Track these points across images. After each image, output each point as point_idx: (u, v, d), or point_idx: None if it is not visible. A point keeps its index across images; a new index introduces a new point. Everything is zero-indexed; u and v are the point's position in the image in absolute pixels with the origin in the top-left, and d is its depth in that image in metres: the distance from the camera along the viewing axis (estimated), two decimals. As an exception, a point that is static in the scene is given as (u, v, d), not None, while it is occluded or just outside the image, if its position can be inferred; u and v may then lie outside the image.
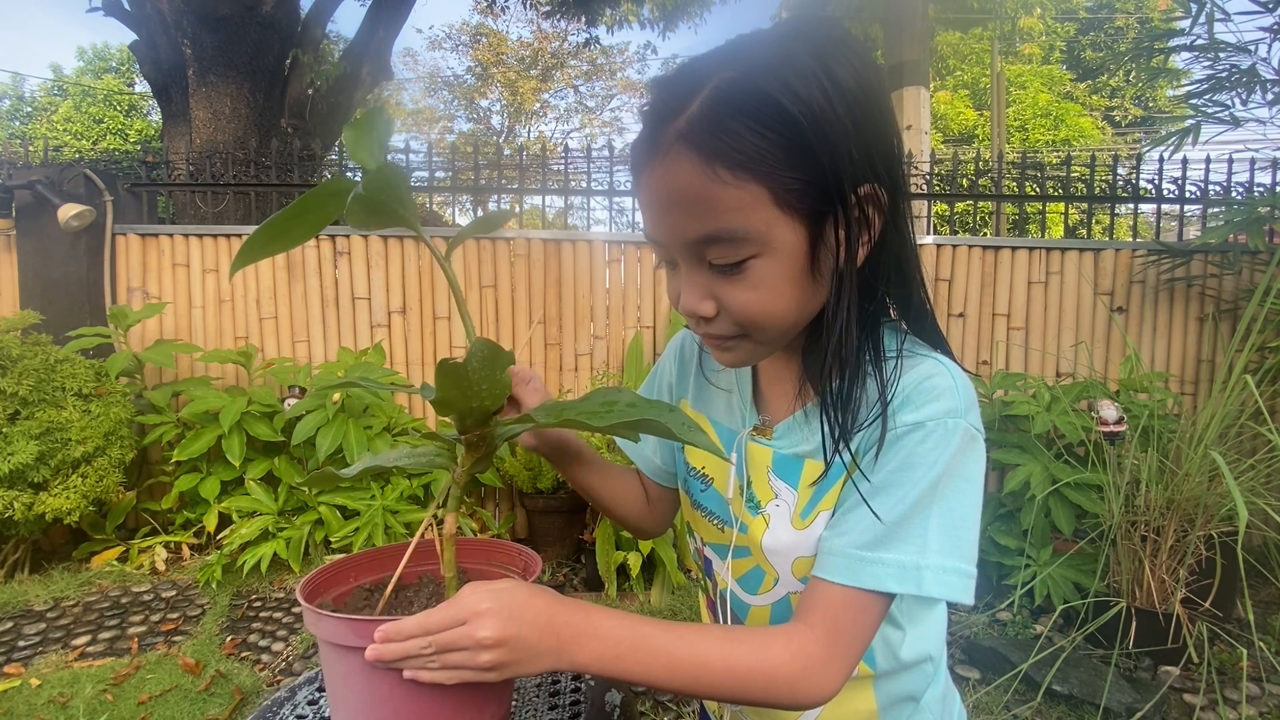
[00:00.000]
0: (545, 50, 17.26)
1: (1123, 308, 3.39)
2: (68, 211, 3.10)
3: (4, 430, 2.57)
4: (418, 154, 5.09)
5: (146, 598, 2.67)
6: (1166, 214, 3.88)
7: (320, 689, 0.64)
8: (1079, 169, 3.71)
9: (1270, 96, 3.08)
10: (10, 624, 2.45)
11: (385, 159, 0.46)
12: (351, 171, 4.27)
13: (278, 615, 2.58)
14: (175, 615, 2.55)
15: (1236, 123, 3.17)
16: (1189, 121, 3.23)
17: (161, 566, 2.88)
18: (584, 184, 3.89)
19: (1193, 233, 4.53)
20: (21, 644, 2.33)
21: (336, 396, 2.94)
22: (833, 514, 0.60)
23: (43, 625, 2.45)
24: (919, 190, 3.74)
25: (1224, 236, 3.01)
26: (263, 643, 2.40)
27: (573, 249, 3.44)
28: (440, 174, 3.83)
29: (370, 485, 2.89)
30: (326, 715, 0.62)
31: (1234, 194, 3.45)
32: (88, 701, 2.01)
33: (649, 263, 3.45)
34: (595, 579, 2.86)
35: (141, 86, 13.72)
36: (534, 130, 19.23)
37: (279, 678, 2.20)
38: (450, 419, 0.49)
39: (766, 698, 0.53)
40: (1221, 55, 3.11)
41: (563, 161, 3.73)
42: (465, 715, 0.53)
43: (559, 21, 7.75)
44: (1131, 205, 3.76)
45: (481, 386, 0.44)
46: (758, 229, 0.51)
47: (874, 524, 0.55)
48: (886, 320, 0.61)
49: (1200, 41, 3.11)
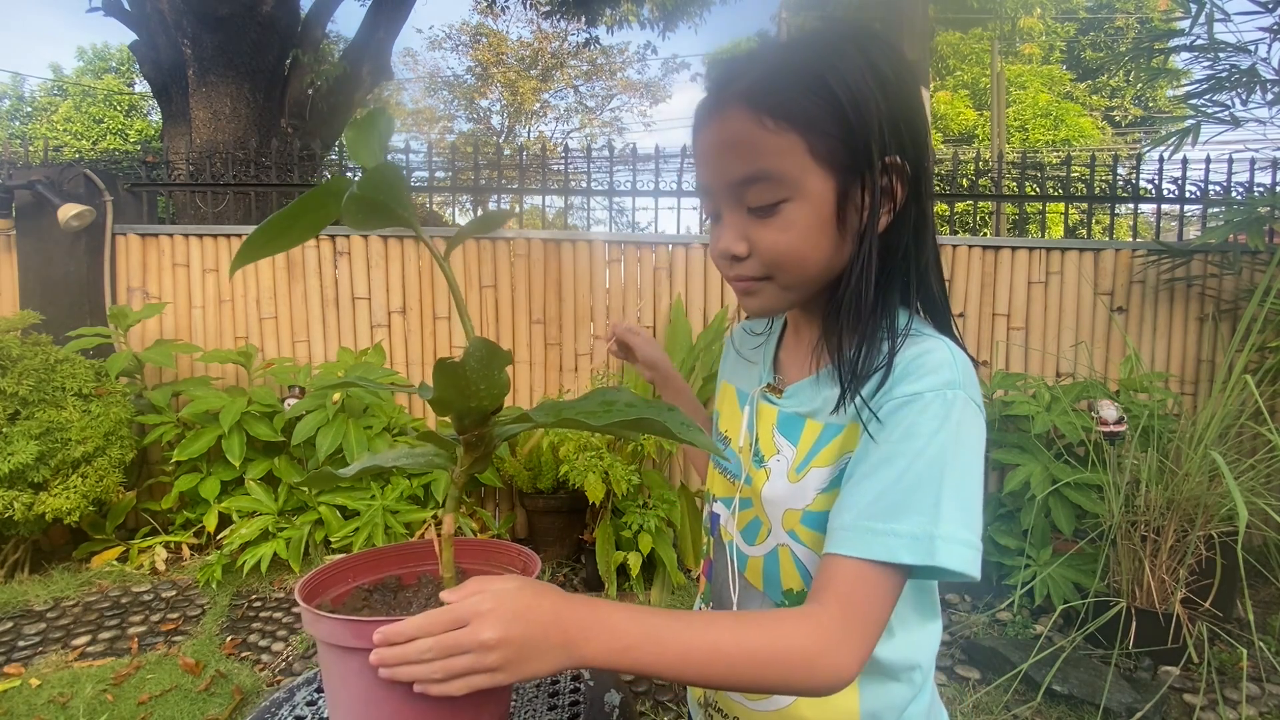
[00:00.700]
0: (545, 50, 17.25)
1: (1123, 308, 3.39)
2: (68, 211, 3.10)
3: (4, 430, 2.57)
4: (418, 154, 5.09)
5: (146, 598, 2.67)
6: (1166, 214, 3.88)
7: (319, 690, 0.64)
8: (1079, 169, 3.71)
9: (1270, 96, 3.08)
10: (10, 624, 2.45)
11: (383, 158, 0.46)
12: (352, 171, 4.27)
13: (278, 615, 2.58)
14: (175, 615, 2.55)
15: (1236, 123, 3.16)
16: (1189, 121, 3.23)
17: (161, 566, 2.89)
18: (584, 184, 3.89)
19: (1193, 233, 4.53)
20: (21, 644, 2.33)
21: (336, 396, 2.94)
22: (830, 479, 0.63)
23: (43, 625, 2.45)
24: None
25: (1224, 236, 3.01)
26: (263, 643, 2.40)
27: (573, 249, 3.44)
28: (440, 174, 3.83)
29: (370, 485, 2.89)
30: (325, 716, 0.62)
31: (1234, 194, 3.45)
32: (88, 701, 2.01)
33: (649, 263, 3.45)
34: (595, 579, 2.86)
35: (141, 86, 13.73)
36: (534, 130, 19.24)
37: (279, 678, 2.20)
38: (448, 419, 0.49)
39: (783, 681, 0.53)
40: (1221, 55, 3.11)
41: (563, 161, 3.73)
42: (463, 716, 0.53)
43: (559, 21, 7.75)
44: (1131, 205, 3.76)
45: (480, 386, 0.44)
46: (792, 174, 0.58)
47: (882, 495, 0.56)
48: (903, 297, 0.65)
49: (1200, 42, 3.11)
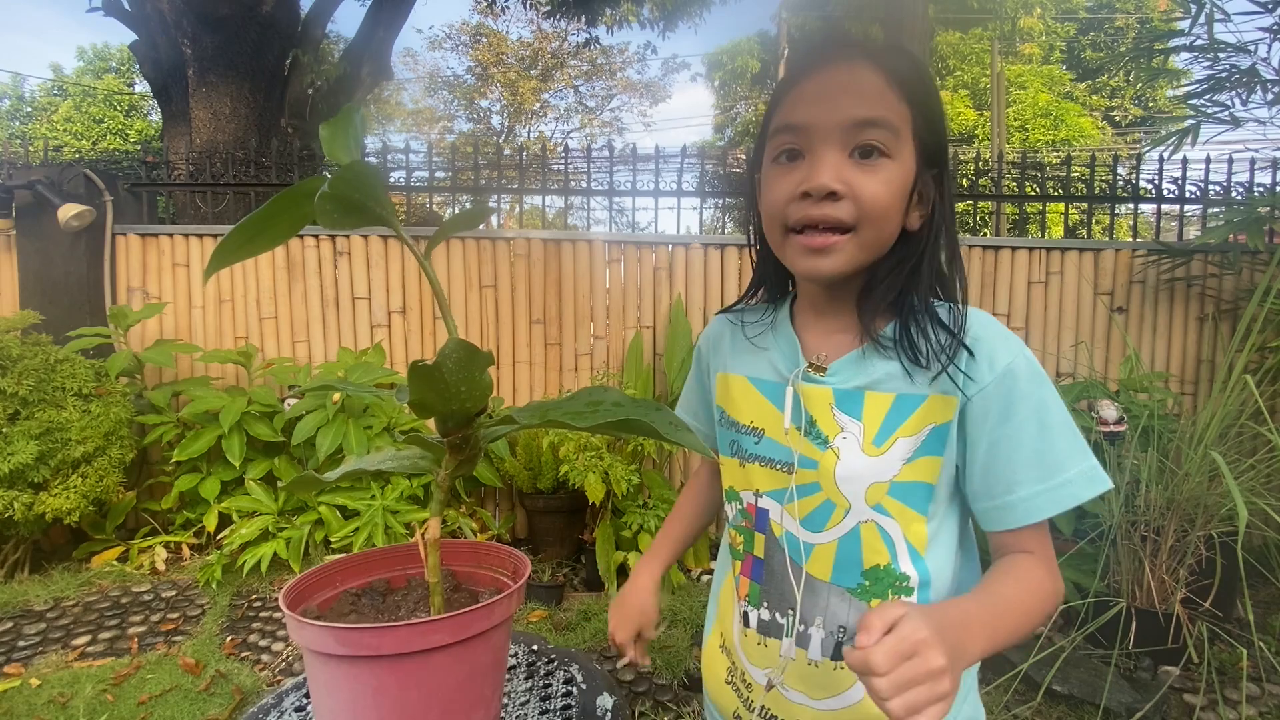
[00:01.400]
0: (545, 50, 17.24)
1: (1123, 308, 3.39)
2: (68, 211, 3.10)
3: (4, 430, 2.57)
4: (418, 154, 5.08)
5: (146, 598, 2.67)
6: (1166, 214, 3.87)
7: (307, 695, 0.63)
8: (1079, 169, 3.70)
9: (1270, 96, 3.07)
10: (10, 624, 2.46)
11: (358, 155, 0.45)
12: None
13: (277, 615, 2.58)
14: (175, 615, 2.55)
15: (1236, 123, 3.16)
16: (1189, 121, 3.22)
17: (161, 566, 2.89)
18: (584, 184, 3.88)
19: (1193, 233, 4.52)
20: (21, 644, 2.34)
21: (336, 396, 2.94)
22: (915, 449, 0.67)
23: (43, 625, 2.45)
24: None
25: (1224, 236, 3.00)
26: (263, 643, 2.40)
27: (573, 249, 3.44)
28: (440, 174, 3.83)
29: (370, 485, 2.89)
30: None
31: (1234, 194, 3.44)
32: (88, 701, 2.01)
33: (649, 263, 3.45)
34: (595, 579, 2.86)
35: (141, 86, 13.73)
36: (534, 130, 19.23)
37: (279, 678, 2.20)
38: (431, 422, 0.48)
39: (1044, 618, 0.64)
40: (1221, 55, 3.10)
41: (563, 161, 3.73)
42: None
43: (559, 21, 7.75)
44: (1131, 205, 3.76)
45: (460, 389, 0.43)
46: (901, 137, 0.65)
47: (1040, 457, 0.64)
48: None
49: (1200, 42, 3.10)
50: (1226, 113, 3.16)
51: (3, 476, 2.52)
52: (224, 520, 2.94)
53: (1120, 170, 3.79)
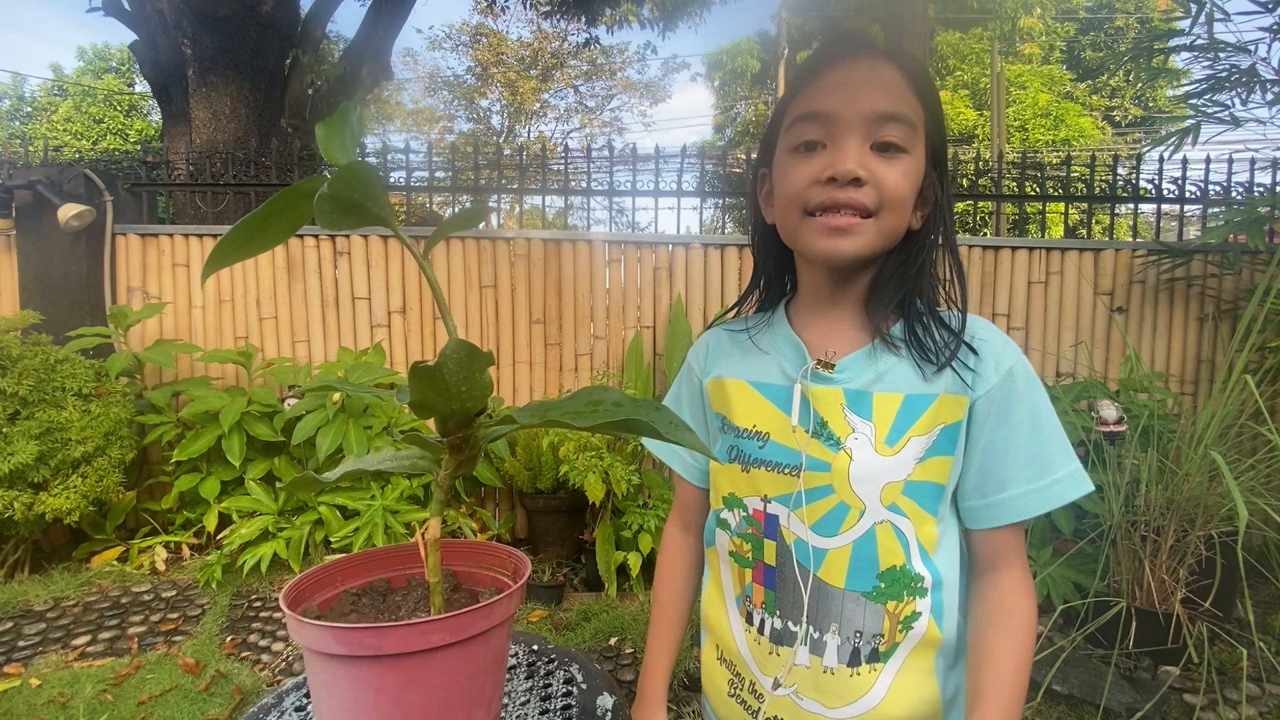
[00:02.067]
0: (545, 50, 17.24)
1: (1123, 308, 3.38)
2: (68, 211, 3.10)
3: (4, 430, 2.57)
4: (418, 154, 5.08)
5: (146, 598, 2.67)
6: (1166, 214, 3.87)
7: (308, 695, 0.63)
8: (1079, 169, 3.70)
9: (1270, 96, 3.07)
10: (10, 624, 2.46)
11: (356, 156, 0.45)
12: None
13: (278, 615, 2.58)
14: (175, 615, 2.55)
15: (1236, 123, 3.16)
16: (1189, 121, 3.22)
17: (161, 566, 2.89)
18: (584, 184, 3.88)
19: (1193, 233, 4.52)
20: (21, 644, 2.34)
21: (336, 396, 2.94)
22: (927, 448, 0.68)
23: (43, 625, 2.45)
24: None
25: (1224, 236, 3.00)
26: (263, 643, 2.40)
27: (573, 249, 3.44)
28: (440, 174, 3.83)
29: (370, 485, 2.89)
30: None
31: (1234, 194, 3.44)
32: (88, 701, 2.01)
33: (649, 263, 3.45)
34: (595, 579, 2.86)
35: (141, 86, 13.73)
36: (534, 130, 19.22)
37: (279, 678, 2.20)
38: (431, 422, 0.48)
39: (1034, 635, 0.69)
40: (1221, 55, 3.10)
41: (563, 161, 3.73)
42: None
43: (559, 21, 7.75)
44: (1131, 205, 3.76)
45: (460, 389, 0.43)
46: (916, 135, 0.67)
47: (1033, 457, 0.67)
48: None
49: (1200, 41, 3.10)
50: (1226, 113, 3.16)
51: (3, 476, 2.52)
52: (224, 520, 2.94)
53: (1120, 170, 3.79)
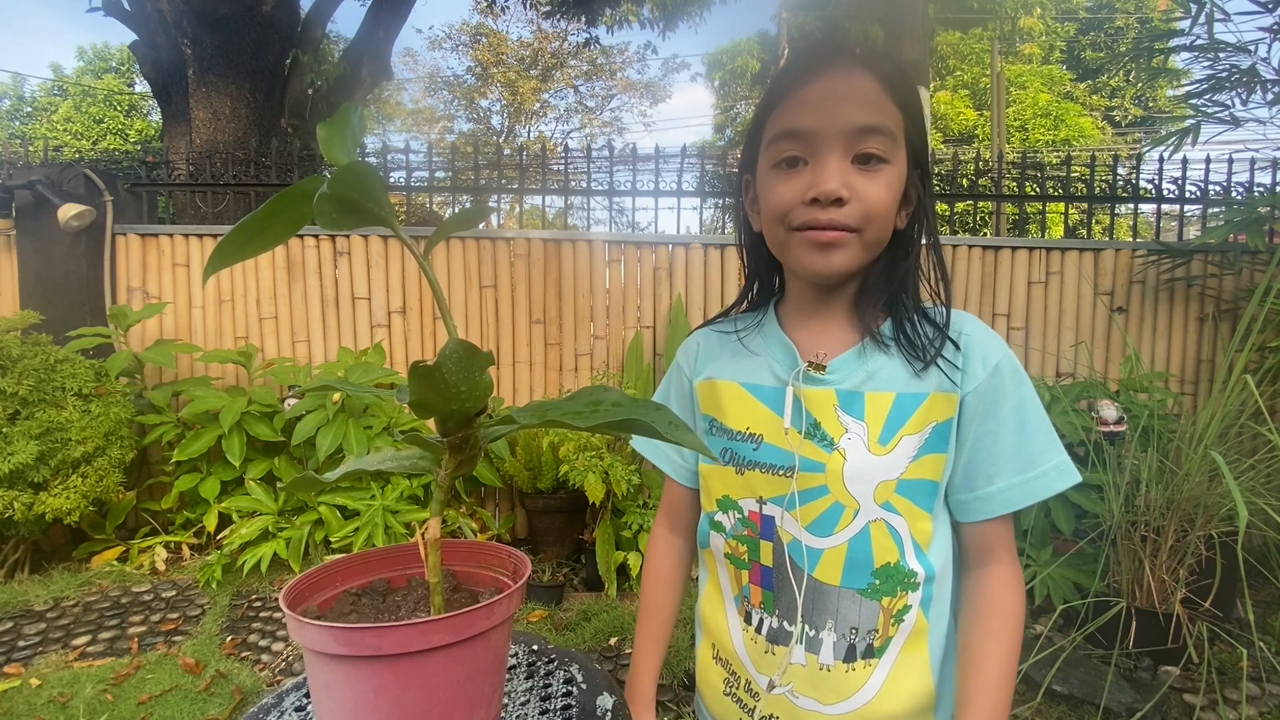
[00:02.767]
0: (545, 50, 17.25)
1: (1123, 308, 3.38)
2: (68, 211, 3.10)
3: (4, 430, 2.57)
4: (418, 154, 5.08)
5: (146, 598, 2.67)
6: (1166, 214, 3.87)
7: (308, 695, 0.63)
8: (1079, 169, 3.70)
9: (1270, 96, 3.07)
10: (10, 624, 2.46)
11: (356, 156, 0.45)
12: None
13: (277, 615, 2.58)
14: (175, 615, 2.55)
15: (1236, 123, 3.16)
16: (1189, 121, 3.22)
17: (161, 566, 2.89)
18: (584, 184, 3.88)
19: (1193, 233, 4.52)
20: (21, 644, 2.34)
21: (336, 396, 2.94)
22: (919, 446, 0.69)
23: (43, 625, 2.45)
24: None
25: (1224, 236, 3.00)
26: (263, 643, 2.40)
27: (573, 249, 3.44)
28: (440, 174, 3.83)
29: (370, 485, 2.89)
30: None
31: (1234, 194, 3.44)
32: (88, 701, 2.01)
33: (649, 263, 3.45)
34: (595, 579, 2.86)
35: (141, 86, 13.74)
36: (534, 130, 19.23)
37: (279, 678, 2.20)
38: (431, 422, 0.48)
39: (1022, 629, 0.69)
40: (1221, 55, 3.10)
41: (563, 161, 3.73)
42: None
43: (559, 21, 7.75)
44: (1131, 205, 3.76)
45: (460, 389, 0.43)
46: (896, 142, 0.67)
47: (1020, 450, 0.68)
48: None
49: (1200, 41, 3.10)
50: (1226, 113, 3.16)
51: (3, 476, 2.52)
52: (224, 520, 2.94)
53: (1120, 170, 3.79)
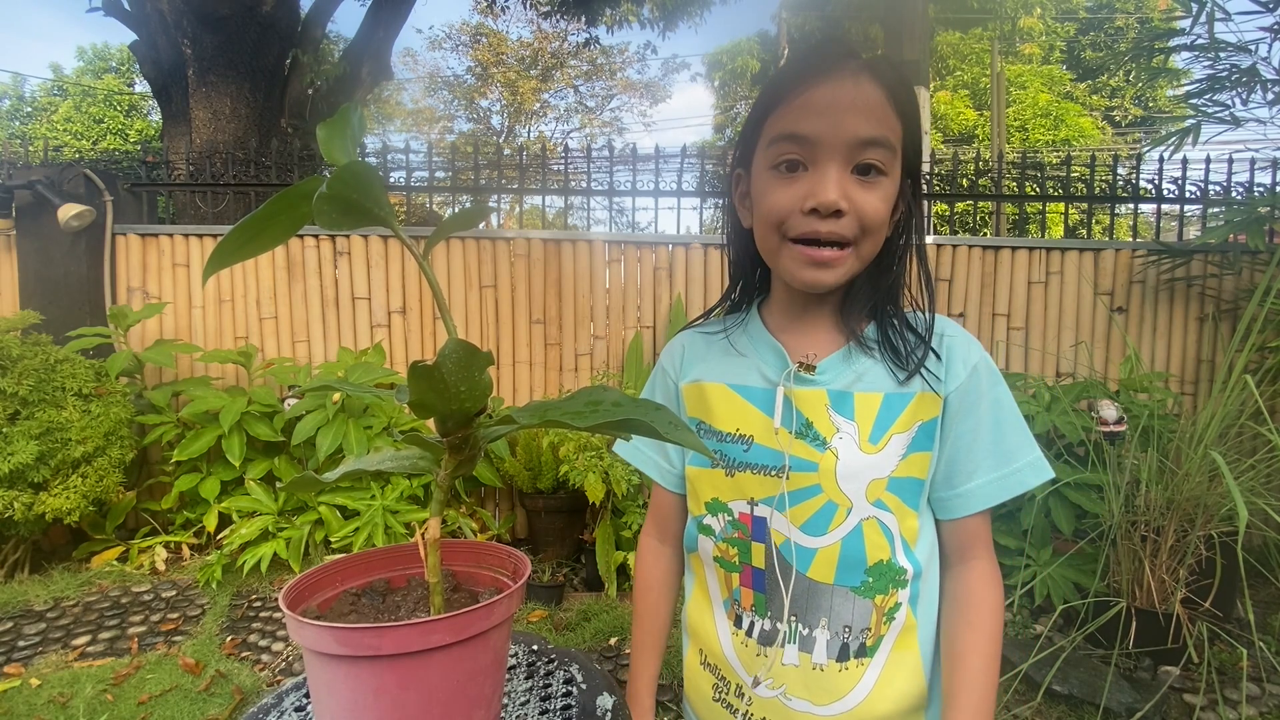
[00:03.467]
0: (545, 50, 17.25)
1: (1123, 308, 3.39)
2: (68, 211, 3.10)
3: (4, 430, 2.57)
4: (418, 154, 5.08)
5: (146, 598, 2.67)
6: (1166, 214, 3.87)
7: (308, 695, 0.63)
8: (1079, 169, 3.70)
9: (1270, 96, 3.07)
10: (10, 624, 2.46)
11: (356, 156, 0.45)
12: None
13: (278, 615, 2.58)
14: (175, 615, 2.55)
15: (1236, 123, 3.15)
16: (1189, 121, 3.22)
17: (161, 566, 2.89)
18: (584, 184, 3.88)
19: (1193, 233, 4.51)
20: (21, 644, 2.34)
21: (336, 396, 2.94)
22: (908, 445, 0.70)
23: (43, 625, 2.45)
24: (919, 190, 3.74)
25: (1224, 236, 3.00)
26: (263, 643, 2.40)
27: (573, 249, 3.44)
28: (440, 174, 3.83)
29: (370, 485, 2.89)
30: None
31: (1234, 194, 3.44)
32: (88, 701, 2.01)
33: (649, 263, 3.45)
34: (595, 579, 2.86)
35: (141, 86, 13.74)
36: (534, 130, 19.23)
37: (279, 678, 2.20)
38: (431, 422, 0.48)
39: (1002, 625, 0.71)
40: (1221, 55, 3.10)
41: (563, 161, 3.73)
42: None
43: (559, 21, 7.75)
44: (1131, 205, 3.76)
45: (460, 389, 0.43)
46: (895, 155, 0.67)
47: (996, 446, 0.70)
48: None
49: (1200, 41, 3.10)
50: (1227, 113, 3.16)
51: (3, 476, 2.52)
52: (224, 520, 2.94)
53: (1120, 170, 3.78)
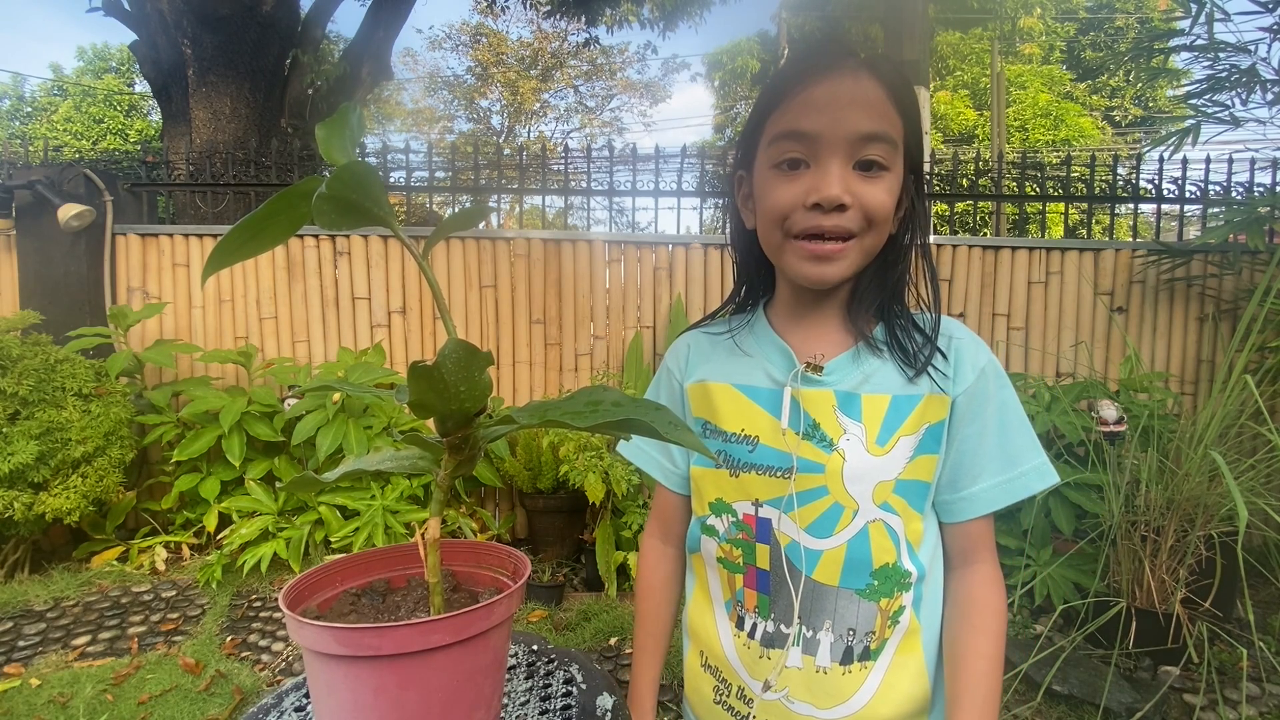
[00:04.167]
0: (545, 50, 17.25)
1: (1123, 308, 3.38)
2: (68, 211, 3.10)
3: (4, 430, 2.57)
4: (418, 154, 5.08)
5: (146, 598, 2.67)
6: (1166, 214, 3.87)
7: (307, 695, 0.63)
8: (1079, 169, 3.70)
9: (1270, 96, 3.07)
10: (10, 624, 2.46)
11: (355, 155, 0.45)
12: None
13: (277, 615, 2.58)
14: (175, 615, 2.55)
15: (1236, 123, 3.15)
16: (1189, 121, 3.22)
17: (161, 566, 2.89)
18: (584, 184, 3.88)
19: (1193, 233, 4.52)
20: (21, 644, 2.34)
21: (336, 396, 2.94)
22: (915, 447, 0.69)
23: (43, 625, 2.45)
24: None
25: (1224, 236, 3.00)
26: (263, 643, 2.40)
27: (573, 249, 3.44)
28: (440, 174, 3.83)
29: (370, 485, 2.89)
30: None
31: (1234, 194, 3.44)
32: (88, 701, 2.01)
33: (649, 263, 3.45)
34: (595, 579, 2.86)
35: (141, 86, 13.74)
36: (534, 130, 19.23)
37: (279, 678, 2.20)
38: (431, 422, 0.48)
39: (1005, 627, 0.71)
40: (1221, 55, 3.10)
41: (563, 161, 3.73)
42: None
43: (559, 21, 7.75)
44: (1131, 205, 3.75)
45: (460, 389, 0.43)
46: (897, 149, 0.67)
47: (1001, 450, 0.70)
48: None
49: (1200, 41, 3.10)
50: (1226, 113, 3.16)
51: (3, 476, 2.52)
52: (224, 520, 2.94)
53: (1120, 170, 3.78)
